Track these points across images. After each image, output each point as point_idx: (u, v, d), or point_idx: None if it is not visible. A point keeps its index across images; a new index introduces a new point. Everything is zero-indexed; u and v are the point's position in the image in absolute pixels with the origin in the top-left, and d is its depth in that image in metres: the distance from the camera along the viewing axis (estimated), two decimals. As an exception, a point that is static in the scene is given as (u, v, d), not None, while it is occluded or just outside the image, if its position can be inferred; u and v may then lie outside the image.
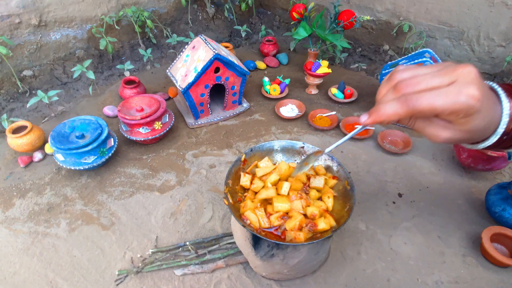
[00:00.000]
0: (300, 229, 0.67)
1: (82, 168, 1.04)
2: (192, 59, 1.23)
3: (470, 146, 0.43)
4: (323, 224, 0.67)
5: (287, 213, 0.70)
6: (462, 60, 1.48)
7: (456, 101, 0.33)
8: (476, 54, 1.42)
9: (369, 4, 1.64)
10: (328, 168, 0.80)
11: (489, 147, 0.41)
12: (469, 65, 0.34)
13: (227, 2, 1.93)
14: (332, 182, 0.77)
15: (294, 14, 1.54)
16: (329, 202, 0.73)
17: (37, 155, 1.17)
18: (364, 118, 0.39)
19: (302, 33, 1.50)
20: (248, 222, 0.69)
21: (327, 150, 0.58)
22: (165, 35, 1.80)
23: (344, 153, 1.19)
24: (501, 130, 0.38)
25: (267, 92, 1.49)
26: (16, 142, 1.13)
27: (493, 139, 0.39)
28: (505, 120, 0.37)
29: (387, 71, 1.29)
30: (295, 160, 0.84)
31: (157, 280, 0.82)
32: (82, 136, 1.07)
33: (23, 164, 1.15)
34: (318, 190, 0.75)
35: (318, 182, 0.74)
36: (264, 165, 0.80)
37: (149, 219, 0.98)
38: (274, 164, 0.81)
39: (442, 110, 0.34)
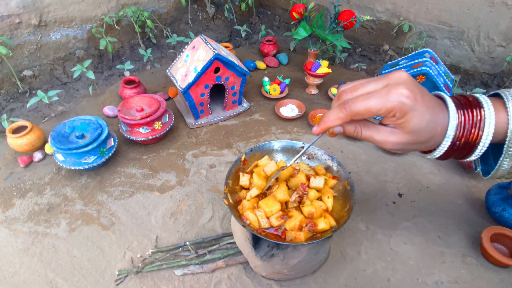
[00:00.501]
0: (300, 229, 0.67)
1: (82, 168, 1.04)
2: (192, 59, 1.23)
3: (425, 155, 0.45)
4: (323, 224, 0.67)
5: (287, 214, 0.70)
6: (462, 60, 1.48)
7: (387, 99, 0.37)
8: (476, 54, 1.42)
9: (369, 4, 1.64)
10: (328, 168, 0.80)
11: (445, 156, 0.43)
12: (401, 70, 0.39)
13: (227, 2, 1.93)
14: (332, 182, 0.76)
15: (294, 14, 1.54)
16: (329, 202, 0.72)
17: (37, 155, 1.17)
18: (314, 128, 0.44)
19: (302, 33, 1.50)
20: (248, 222, 0.69)
21: (289, 162, 0.65)
22: (165, 35, 1.80)
23: (344, 153, 1.19)
24: (450, 132, 0.39)
25: (267, 92, 1.49)
26: (16, 142, 1.13)
27: (445, 144, 0.40)
28: (452, 123, 0.39)
29: (387, 71, 1.29)
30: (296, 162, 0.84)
31: (157, 280, 0.82)
32: (82, 136, 1.07)
33: (23, 164, 1.15)
34: (318, 190, 0.75)
35: (318, 182, 0.74)
36: (263, 163, 0.79)
37: (149, 219, 0.98)
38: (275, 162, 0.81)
39: (377, 109, 0.37)
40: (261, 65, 1.73)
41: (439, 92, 0.42)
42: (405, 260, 0.85)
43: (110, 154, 1.10)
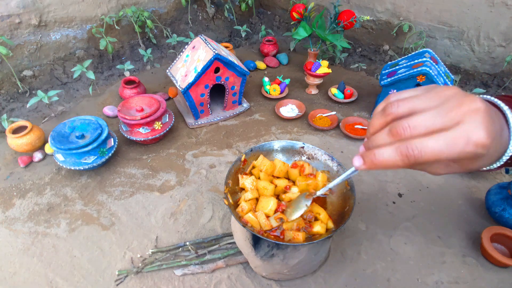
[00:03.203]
0: (299, 229, 0.67)
1: (82, 168, 1.04)
2: (192, 59, 1.23)
3: (486, 168, 0.40)
4: (318, 227, 0.67)
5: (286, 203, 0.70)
6: (462, 60, 1.48)
7: (463, 150, 0.29)
8: (476, 54, 1.42)
9: (369, 4, 1.64)
10: (328, 168, 0.80)
11: (498, 168, 0.38)
12: (476, 98, 0.30)
13: (227, 2, 1.93)
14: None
15: (294, 14, 1.54)
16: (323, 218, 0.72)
17: (37, 155, 1.17)
18: (358, 162, 0.35)
19: (302, 33, 1.50)
20: (249, 225, 0.69)
21: (318, 192, 0.57)
22: (165, 35, 1.80)
23: (344, 153, 1.19)
24: (505, 158, 0.34)
25: (267, 92, 1.49)
26: (16, 142, 1.13)
27: (497, 164, 0.36)
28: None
29: (387, 71, 1.29)
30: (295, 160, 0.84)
31: (157, 280, 0.82)
32: (82, 136, 1.07)
33: (23, 164, 1.15)
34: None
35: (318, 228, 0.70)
36: (259, 163, 0.79)
37: (149, 219, 0.98)
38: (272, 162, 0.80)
39: (447, 158, 0.30)
40: (261, 65, 1.73)
41: (490, 98, 0.36)
42: (405, 260, 0.85)
43: (110, 154, 1.10)
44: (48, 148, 1.18)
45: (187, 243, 0.88)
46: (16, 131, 1.16)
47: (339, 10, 1.47)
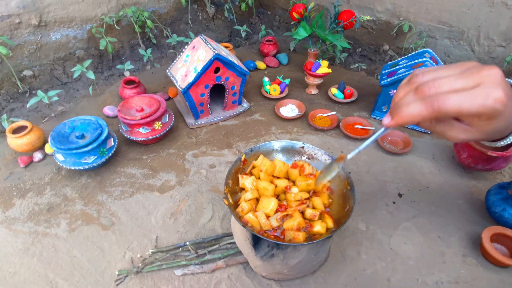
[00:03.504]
0: (299, 229, 0.67)
1: (82, 168, 1.04)
2: (192, 59, 1.23)
3: (489, 143, 0.42)
4: (318, 227, 0.67)
5: (287, 214, 0.70)
6: (462, 60, 1.48)
7: (483, 104, 0.32)
8: (476, 54, 1.42)
9: (369, 4, 1.64)
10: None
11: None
12: (494, 67, 0.33)
13: (227, 2, 1.93)
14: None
15: (294, 14, 1.54)
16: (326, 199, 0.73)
17: (37, 155, 1.17)
18: (386, 120, 0.38)
19: (302, 33, 1.50)
20: (249, 225, 0.69)
21: (349, 156, 0.55)
22: (165, 35, 1.80)
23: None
24: None
25: (267, 92, 1.49)
26: (16, 142, 1.13)
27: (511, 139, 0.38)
28: None
29: (387, 71, 1.29)
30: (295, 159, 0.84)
31: (157, 280, 0.82)
32: (82, 136, 1.07)
33: (23, 164, 1.15)
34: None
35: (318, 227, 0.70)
36: (259, 163, 0.79)
37: (149, 219, 0.98)
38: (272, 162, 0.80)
39: (468, 112, 0.33)
40: (261, 65, 1.73)
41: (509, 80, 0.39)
42: (405, 260, 0.85)
43: (110, 154, 1.10)
44: (48, 148, 1.18)
45: (187, 243, 0.88)
46: (16, 131, 1.16)
47: (339, 10, 1.47)
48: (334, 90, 1.46)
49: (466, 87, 0.33)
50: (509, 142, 0.40)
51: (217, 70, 1.20)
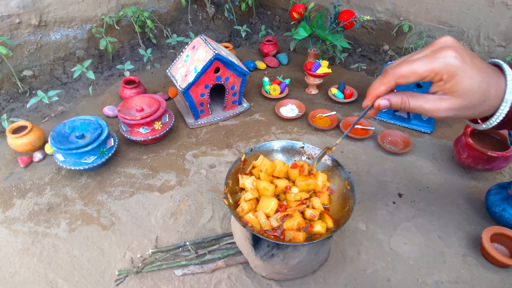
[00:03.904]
0: (299, 229, 0.67)
1: (82, 168, 1.04)
2: (192, 59, 1.23)
3: (480, 125, 0.42)
4: (319, 227, 0.67)
5: (287, 214, 0.70)
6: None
7: (434, 61, 0.36)
8: (476, 54, 1.42)
9: (369, 4, 1.64)
10: (328, 168, 0.80)
11: (502, 125, 0.40)
12: (446, 36, 0.38)
13: (227, 2, 1.93)
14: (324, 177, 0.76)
15: (294, 14, 1.54)
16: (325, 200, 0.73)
17: (37, 155, 1.17)
18: (364, 102, 0.45)
19: (302, 33, 1.50)
20: (249, 225, 0.69)
21: (338, 141, 0.61)
22: (165, 35, 1.80)
23: (344, 153, 1.19)
24: (509, 96, 0.37)
25: (267, 92, 1.49)
26: (16, 142, 1.13)
27: (503, 109, 0.38)
28: (510, 86, 0.37)
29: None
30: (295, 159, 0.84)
31: (157, 280, 0.82)
32: (82, 136, 1.07)
33: (23, 164, 1.15)
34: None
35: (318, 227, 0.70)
36: (259, 163, 0.79)
37: (149, 219, 0.98)
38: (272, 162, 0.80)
39: (423, 71, 0.37)
40: (261, 65, 1.73)
41: (494, 59, 0.41)
42: (405, 260, 0.85)
43: (110, 154, 1.10)
44: (48, 148, 1.18)
45: (187, 243, 0.88)
46: (16, 131, 1.16)
47: (339, 10, 1.47)
48: (334, 90, 1.46)
49: (420, 56, 0.38)
50: (497, 122, 0.40)
51: (217, 70, 1.20)
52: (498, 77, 0.38)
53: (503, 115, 0.38)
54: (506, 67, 0.38)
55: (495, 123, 0.40)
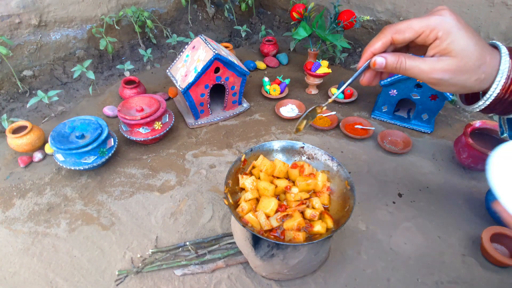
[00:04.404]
0: (299, 229, 0.67)
1: (82, 168, 1.04)
2: (192, 59, 1.23)
3: (472, 106, 0.42)
4: (319, 227, 0.67)
5: (287, 214, 0.70)
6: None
7: (429, 18, 0.37)
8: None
9: (369, 4, 1.64)
10: (328, 168, 0.80)
11: (492, 106, 0.39)
12: (442, 6, 0.39)
13: (227, 2, 1.93)
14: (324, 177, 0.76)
15: (294, 14, 1.54)
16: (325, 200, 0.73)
17: (37, 155, 1.17)
18: (358, 63, 0.44)
19: (302, 33, 1.50)
20: (249, 225, 0.69)
21: (328, 100, 0.58)
22: (165, 35, 1.80)
23: (344, 153, 1.19)
24: (504, 67, 0.37)
25: (267, 92, 1.49)
26: (16, 142, 1.13)
27: (499, 83, 0.37)
28: (505, 58, 0.37)
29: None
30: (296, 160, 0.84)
31: (157, 280, 0.82)
32: (82, 136, 1.07)
33: (23, 164, 1.15)
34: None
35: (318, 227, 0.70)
36: (259, 163, 0.79)
37: (149, 219, 0.98)
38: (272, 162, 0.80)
39: (418, 27, 0.37)
40: (261, 65, 1.73)
41: (493, 41, 0.40)
42: (405, 260, 0.85)
43: (110, 154, 1.10)
44: (48, 148, 1.18)
45: (187, 243, 0.88)
46: (16, 131, 1.16)
47: (339, 10, 1.47)
48: (334, 90, 1.46)
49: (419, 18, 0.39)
50: (489, 101, 0.39)
51: (217, 70, 1.20)
52: (491, 49, 0.38)
53: (500, 87, 0.38)
54: (500, 44, 0.39)
55: (493, 96, 0.39)
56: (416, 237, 0.91)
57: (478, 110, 0.41)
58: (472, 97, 0.44)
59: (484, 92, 0.40)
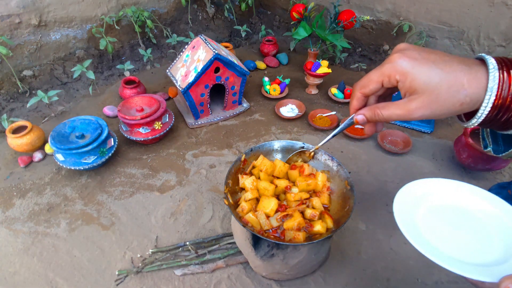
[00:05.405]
0: (299, 229, 0.67)
1: (82, 168, 1.04)
2: (192, 59, 1.23)
3: (467, 123, 0.41)
4: (319, 227, 0.67)
5: (287, 214, 0.70)
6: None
7: (382, 66, 0.39)
8: (476, 54, 1.42)
9: (369, 4, 1.64)
10: (328, 168, 0.80)
11: (487, 121, 0.38)
12: (401, 43, 0.40)
13: (227, 2, 1.93)
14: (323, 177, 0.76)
15: (294, 14, 1.54)
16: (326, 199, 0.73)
17: (37, 155, 1.17)
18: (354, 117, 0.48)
19: (302, 33, 1.50)
20: (250, 225, 0.69)
21: (320, 144, 0.63)
22: (165, 35, 1.80)
23: (344, 153, 1.19)
24: (492, 84, 0.35)
25: (267, 92, 1.49)
26: (16, 142, 1.13)
27: (488, 102, 0.35)
28: (493, 74, 0.35)
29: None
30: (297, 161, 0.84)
31: (157, 280, 0.82)
32: (82, 136, 1.07)
33: (23, 164, 1.15)
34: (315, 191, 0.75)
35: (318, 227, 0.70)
36: (259, 163, 0.79)
37: (149, 219, 0.98)
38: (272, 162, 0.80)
39: (376, 77, 0.40)
40: (261, 65, 1.73)
41: (480, 54, 0.38)
42: (405, 260, 0.85)
43: (110, 154, 1.10)
44: (48, 148, 1.18)
45: (187, 243, 0.88)
46: (16, 131, 1.16)
47: (339, 10, 1.47)
48: (334, 90, 1.46)
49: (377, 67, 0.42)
50: (484, 115, 0.37)
51: (217, 70, 1.20)
52: (470, 67, 0.36)
53: (490, 106, 0.36)
54: (488, 57, 0.36)
55: (484, 114, 0.37)
56: (416, 237, 0.90)
57: (472, 126, 0.40)
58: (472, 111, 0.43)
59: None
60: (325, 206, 0.75)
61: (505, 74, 0.34)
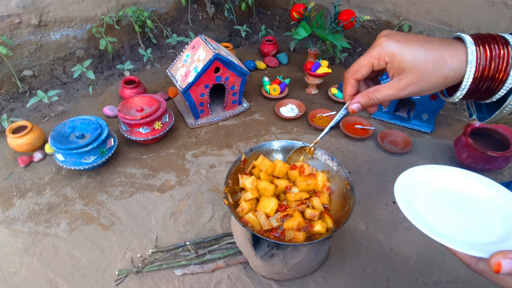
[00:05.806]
0: (299, 229, 0.67)
1: (82, 168, 1.04)
2: (192, 59, 1.23)
3: (451, 98, 0.43)
4: (319, 227, 0.67)
5: (287, 214, 0.70)
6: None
7: (370, 50, 0.42)
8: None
9: (369, 4, 1.64)
10: (328, 168, 0.80)
11: (470, 94, 0.41)
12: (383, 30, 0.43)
13: (227, 2, 1.93)
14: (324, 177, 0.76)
15: (294, 14, 1.54)
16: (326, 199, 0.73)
17: (37, 155, 1.17)
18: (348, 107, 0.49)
19: (302, 33, 1.50)
20: (250, 225, 0.69)
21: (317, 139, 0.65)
22: (165, 35, 1.80)
23: (344, 153, 1.19)
24: (471, 57, 0.38)
25: (267, 92, 1.49)
26: (16, 142, 1.13)
27: (469, 75, 0.39)
28: (471, 48, 0.38)
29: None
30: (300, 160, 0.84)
31: (157, 280, 0.82)
32: (82, 136, 1.07)
33: (23, 164, 1.15)
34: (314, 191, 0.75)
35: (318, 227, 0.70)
36: (259, 163, 0.79)
37: (149, 219, 0.98)
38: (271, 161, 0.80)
39: (366, 61, 0.43)
40: (261, 65, 1.73)
41: (457, 33, 0.42)
42: (405, 260, 0.85)
43: (110, 154, 1.10)
44: (48, 148, 1.18)
45: (187, 243, 0.88)
46: (16, 131, 1.16)
47: (339, 10, 1.47)
48: (334, 90, 1.46)
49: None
50: (465, 90, 0.40)
51: (217, 70, 1.20)
52: (451, 44, 0.40)
53: (472, 77, 0.39)
54: (463, 35, 0.40)
55: (467, 86, 0.40)
56: (416, 237, 0.90)
57: (457, 100, 0.43)
58: (453, 87, 0.46)
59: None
60: (325, 206, 0.75)
61: (481, 48, 0.38)
